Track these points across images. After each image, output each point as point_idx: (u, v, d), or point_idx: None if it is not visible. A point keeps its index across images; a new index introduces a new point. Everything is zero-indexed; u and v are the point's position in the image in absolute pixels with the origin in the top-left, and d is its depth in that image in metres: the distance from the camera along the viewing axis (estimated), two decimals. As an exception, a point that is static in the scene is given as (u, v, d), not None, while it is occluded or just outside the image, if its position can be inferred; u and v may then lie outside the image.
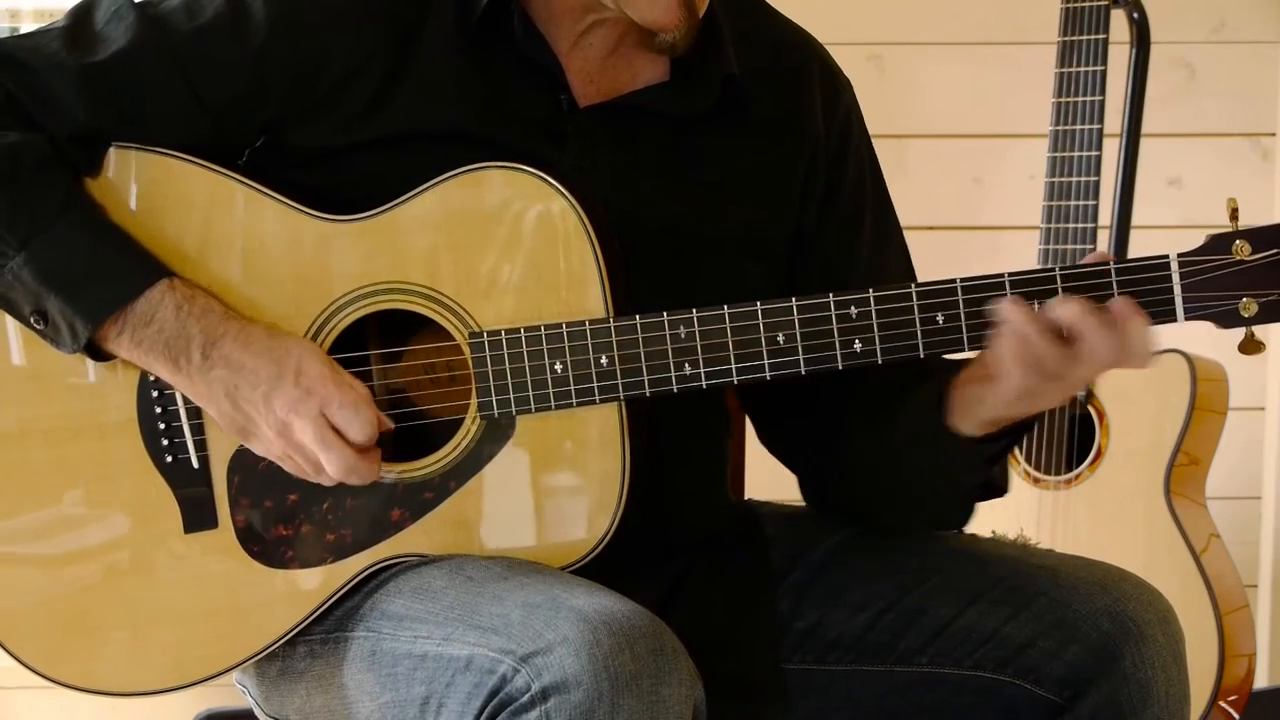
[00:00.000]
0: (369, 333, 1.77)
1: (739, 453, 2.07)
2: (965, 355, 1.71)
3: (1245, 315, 1.62)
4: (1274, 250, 1.62)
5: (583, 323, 1.70)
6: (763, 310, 1.69)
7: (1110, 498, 2.83)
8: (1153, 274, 1.64)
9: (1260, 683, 3.13)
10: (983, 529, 2.64)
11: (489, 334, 1.72)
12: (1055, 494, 2.86)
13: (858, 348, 1.68)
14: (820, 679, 1.84)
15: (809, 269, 1.87)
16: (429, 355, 1.78)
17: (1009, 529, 2.86)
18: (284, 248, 1.75)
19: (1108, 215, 2.90)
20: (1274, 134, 3.29)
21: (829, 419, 1.84)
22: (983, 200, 3.32)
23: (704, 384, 1.70)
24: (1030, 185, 2.96)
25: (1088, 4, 2.82)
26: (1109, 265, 1.64)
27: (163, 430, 1.76)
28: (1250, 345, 1.65)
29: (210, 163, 1.76)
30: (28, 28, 2.99)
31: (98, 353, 1.74)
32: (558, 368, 1.71)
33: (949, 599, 1.79)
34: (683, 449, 1.84)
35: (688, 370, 1.70)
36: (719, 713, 1.64)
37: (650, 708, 1.54)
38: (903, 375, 1.74)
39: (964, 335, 1.65)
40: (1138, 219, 2.95)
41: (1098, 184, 2.80)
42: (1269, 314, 1.62)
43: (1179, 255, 1.64)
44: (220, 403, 1.71)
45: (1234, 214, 1.63)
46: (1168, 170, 3.27)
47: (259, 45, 1.75)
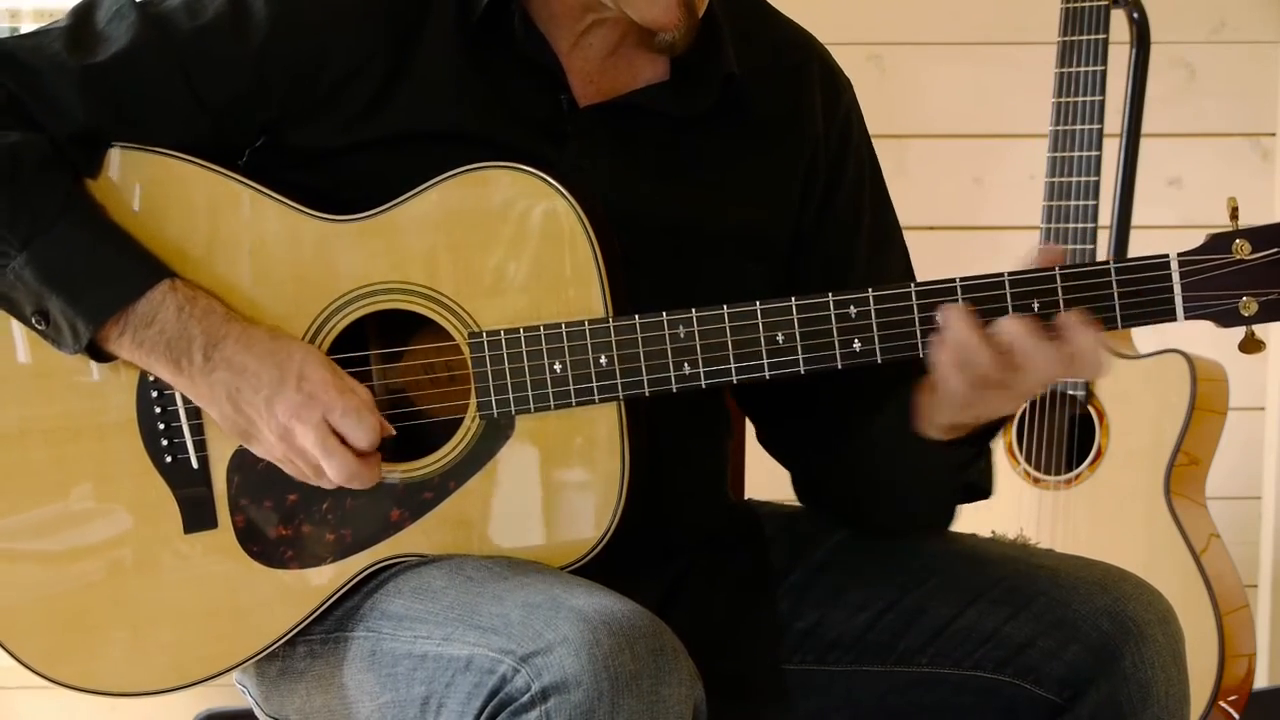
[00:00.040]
0: (368, 332, 1.77)
1: (739, 453, 2.07)
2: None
3: (1245, 314, 1.62)
4: (1274, 249, 1.61)
5: (582, 323, 1.70)
6: (762, 310, 1.68)
7: (1110, 498, 2.83)
8: (1153, 273, 1.63)
9: (1260, 683, 3.12)
10: (983, 529, 2.64)
11: (488, 334, 1.72)
12: (1055, 494, 2.86)
13: (857, 347, 1.68)
14: (820, 679, 1.84)
15: (808, 269, 1.87)
16: (428, 355, 1.78)
17: (1009, 529, 2.86)
18: (283, 248, 1.75)
19: (1108, 215, 2.90)
20: (1274, 134, 3.29)
21: (826, 419, 1.84)
22: (983, 200, 3.32)
23: (703, 384, 1.70)
24: (1030, 185, 2.96)
25: (1088, 4, 2.82)
26: (1109, 265, 1.64)
27: (162, 430, 1.76)
28: (1250, 344, 1.65)
29: (210, 163, 1.76)
30: (28, 28, 2.99)
31: (99, 353, 1.74)
32: (557, 367, 1.71)
33: (949, 599, 1.79)
34: (682, 448, 1.84)
35: (687, 370, 1.70)
36: (719, 713, 1.64)
37: (650, 708, 1.54)
38: (889, 377, 1.74)
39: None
40: (1138, 219, 2.95)
41: (1098, 184, 2.80)
42: (1269, 313, 1.62)
43: (1179, 254, 1.64)
44: (221, 405, 1.71)
45: (1234, 213, 1.63)
46: (1168, 170, 3.27)
47: (259, 45, 1.75)
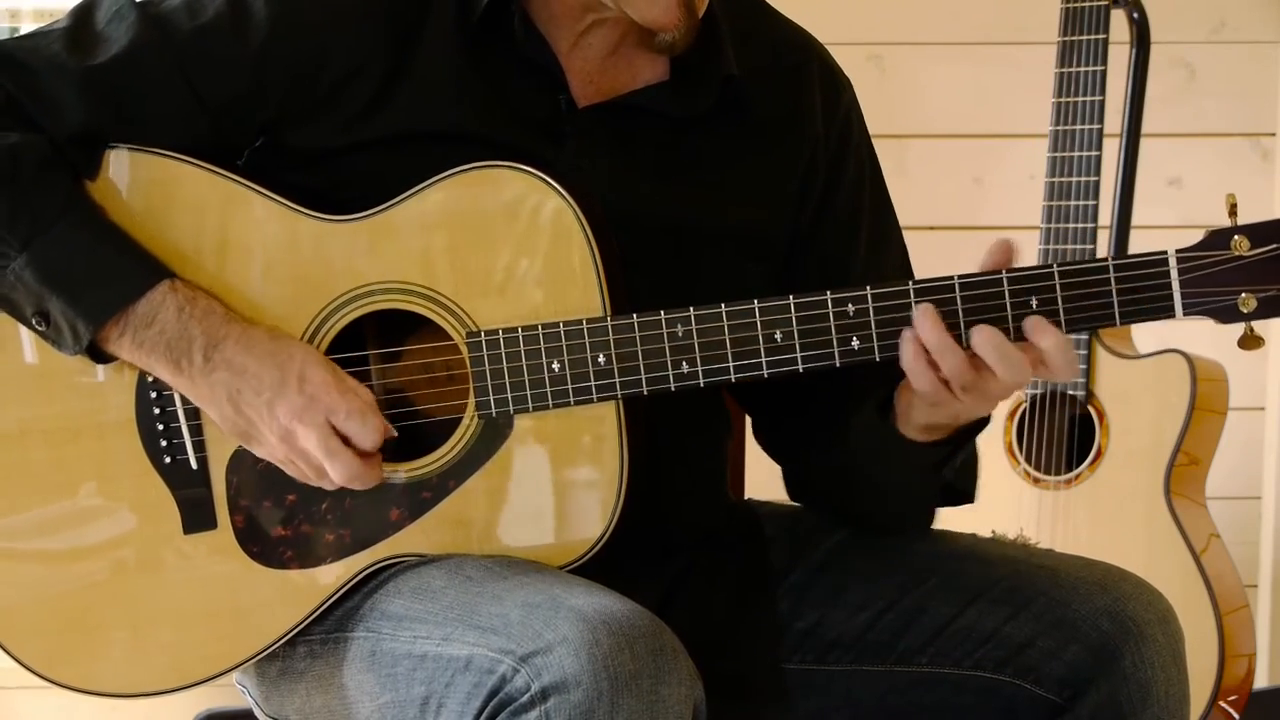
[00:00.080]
0: (366, 332, 1.77)
1: (739, 452, 2.07)
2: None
3: (1244, 310, 1.62)
4: (1273, 245, 1.61)
5: (580, 322, 1.70)
6: (760, 308, 1.68)
7: (1110, 498, 2.82)
8: (1151, 269, 1.63)
9: (1260, 683, 3.12)
10: (983, 529, 2.64)
11: (486, 333, 1.72)
12: (1055, 494, 2.86)
13: (855, 345, 1.68)
14: (820, 679, 1.84)
15: (807, 269, 1.86)
16: (427, 355, 1.78)
17: (1009, 529, 2.86)
18: (282, 248, 1.75)
19: (1108, 215, 2.90)
20: (1274, 134, 3.29)
21: (817, 416, 1.84)
22: (983, 200, 3.32)
23: (701, 382, 1.70)
24: (1030, 185, 2.96)
25: (1088, 4, 2.82)
26: (1107, 262, 1.64)
27: (161, 431, 1.76)
28: (1249, 341, 1.64)
29: (209, 163, 1.76)
30: (28, 28, 2.99)
31: (99, 354, 1.74)
32: (555, 367, 1.71)
33: (949, 599, 1.79)
34: (681, 448, 1.83)
35: (685, 369, 1.70)
36: (719, 713, 1.63)
37: (650, 707, 1.54)
38: (873, 376, 1.74)
39: (962, 333, 1.64)
40: (1138, 219, 2.95)
41: (1098, 184, 2.80)
42: (1268, 309, 1.62)
43: (1177, 251, 1.64)
44: (222, 406, 1.71)
45: (1232, 209, 1.63)
46: (1168, 170, 3.27)
47: (259, 45, 1.75)
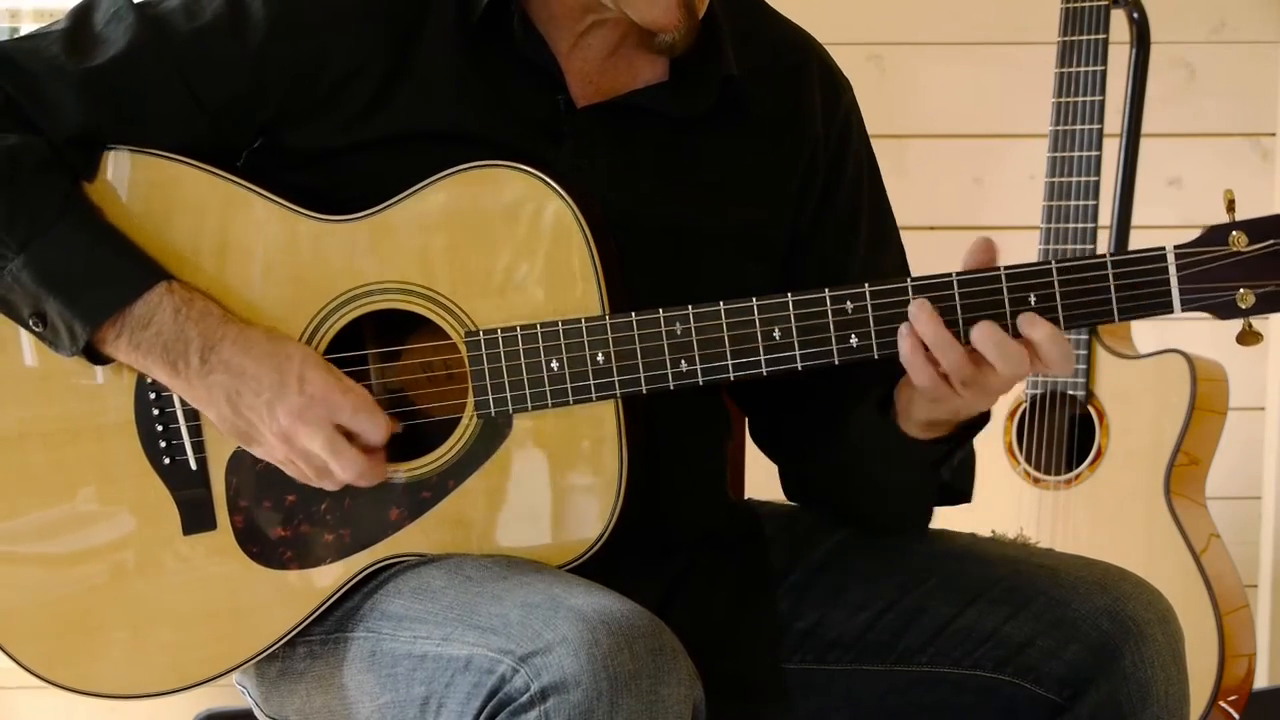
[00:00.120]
0: (365, 332, 1.77)
1: (739, 452, 2.07)
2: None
3: (1242, 306, 1.62)
4: (1271, 241, 1.61)
5: (578, 320, 1.70)
6: (759, 306, 1.68)
7: (1110, 498, 2.82)
8: (1149, 265, 1.63)
9: (1260, 683, 3.12)
10: (983, 529, 2.63)
11: (485, 333, 1.72)
12: (1055, 494, 2.85)
13: (854, 343, 1.68)
14: (820, 679, 1.83)
15: (806, 269, 1.86)
16: (426, 354, 1.78)
17: (1009, 529, 2.86)
18: (281, 249, 1.75)
19: (1108, 215, 2.90)
20: (1274, 134, 3.29)
21: (815, 414, 1.84)
22: (983, 200, 3.32)
23: (700, 381, 1.69)
24: (1030, 185, 2.96)
25: (1088, 4, 2.82)
26: (1105, 258, 1.64)
27: (160, 432, 1.76)
28: (1248, 336, 1.64)
29: (208, 164, 1.76)
30: (28, 28, 3.00)
31: (96, 355, 1.74)
32: (554, 366, 1.70)
33: (949, 599, 1.79)
34: (680, 447, 1.83)
35: (684, 367, 1.69)
36: (719, 713, 1.63)
37: (649, 707, 1.54)
38: (873, 373, 1.74)
39: (960, 330, 1.64)
40: (1138, 219, 2.95)
41: (1098, 184, 2.80)
42: (1266, 305, 1.61)
43: (1175, 247, 1.64)
44: (220, 408, 1.71)
45: (1230, 205, 1.63)
46: (1168, 170, 3.27)
47: (258, 46, 1.75)
